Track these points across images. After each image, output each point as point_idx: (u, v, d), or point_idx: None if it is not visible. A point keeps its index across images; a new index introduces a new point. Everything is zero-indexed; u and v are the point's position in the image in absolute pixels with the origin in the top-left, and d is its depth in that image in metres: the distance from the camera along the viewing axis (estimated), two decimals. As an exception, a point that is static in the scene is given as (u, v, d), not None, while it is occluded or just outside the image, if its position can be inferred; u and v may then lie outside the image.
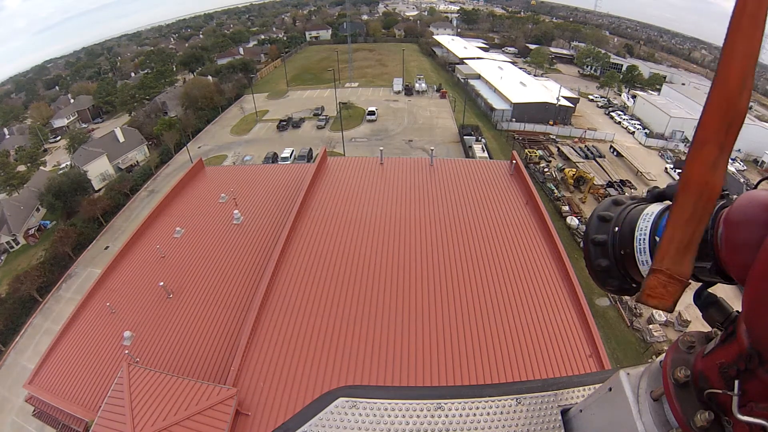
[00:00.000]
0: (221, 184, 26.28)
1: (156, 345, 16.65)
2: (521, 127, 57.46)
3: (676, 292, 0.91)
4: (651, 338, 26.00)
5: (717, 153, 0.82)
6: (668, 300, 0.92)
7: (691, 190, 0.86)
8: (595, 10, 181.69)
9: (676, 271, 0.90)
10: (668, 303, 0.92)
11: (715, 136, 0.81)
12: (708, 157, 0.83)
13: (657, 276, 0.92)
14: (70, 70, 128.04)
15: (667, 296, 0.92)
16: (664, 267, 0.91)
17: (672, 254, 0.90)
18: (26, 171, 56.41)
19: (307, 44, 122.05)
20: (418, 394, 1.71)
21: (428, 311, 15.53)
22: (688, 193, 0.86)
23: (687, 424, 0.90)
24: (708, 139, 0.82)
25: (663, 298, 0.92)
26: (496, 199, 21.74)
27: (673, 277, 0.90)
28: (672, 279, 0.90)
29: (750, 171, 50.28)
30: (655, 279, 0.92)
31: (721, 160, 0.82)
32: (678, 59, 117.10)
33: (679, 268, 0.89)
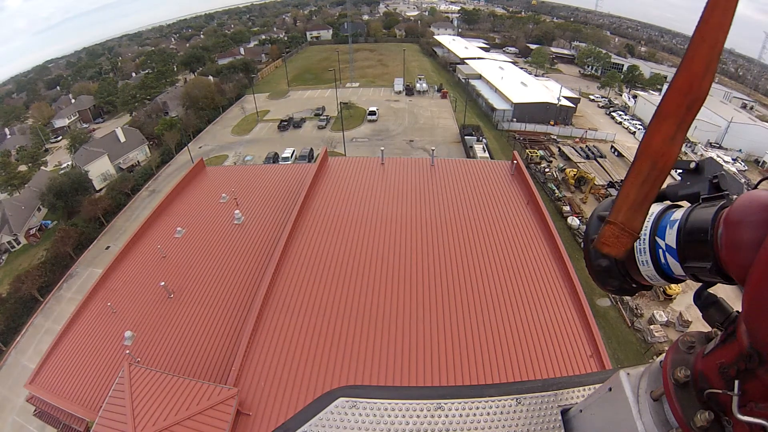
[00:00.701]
0: (222, 184, 26.29)
1: (157, 345, 16.66)
2: (522, 127, 57.43)
3: (627, 243, 1.01)
4: (652, 338, 25.97)
5: (675, 128, 0.89)
6: (618, 248, 1.02)
7: (648, 157, 0.93)
8: (596, 10, 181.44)
9: (629, 225, 0.99)
10: (619, 251, 1.03)
11: (676, 112, 0.88)
12: (667, 130, 0.90)
13: (611, 227, 1.02)
14: (71, 70, 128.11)
15: (618, 245, 1.02)
16: (618, 220, 1.00)
17: (626, 210, 0.98)
18: (27, 171, 56.49)
19: (307, 44, 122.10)
20: (418, 394, 1.71)
21: (429, 311, 15.53)
22: (645, 159, 0.94)
23: (687, 424, 0.91)
24: (669, 114, 0.89)
25: (615, 246, 1.02)
26: (497, 199, 21.73)
27: (625, 230, 1.00)
28: (624, 231, 1.00)
29: (751, 171, 50.19)
30: (609, 230, 1.02)
31: (678, 134, 0.90)
32: (679, 59, 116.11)
33: (631, 223, 0.99)
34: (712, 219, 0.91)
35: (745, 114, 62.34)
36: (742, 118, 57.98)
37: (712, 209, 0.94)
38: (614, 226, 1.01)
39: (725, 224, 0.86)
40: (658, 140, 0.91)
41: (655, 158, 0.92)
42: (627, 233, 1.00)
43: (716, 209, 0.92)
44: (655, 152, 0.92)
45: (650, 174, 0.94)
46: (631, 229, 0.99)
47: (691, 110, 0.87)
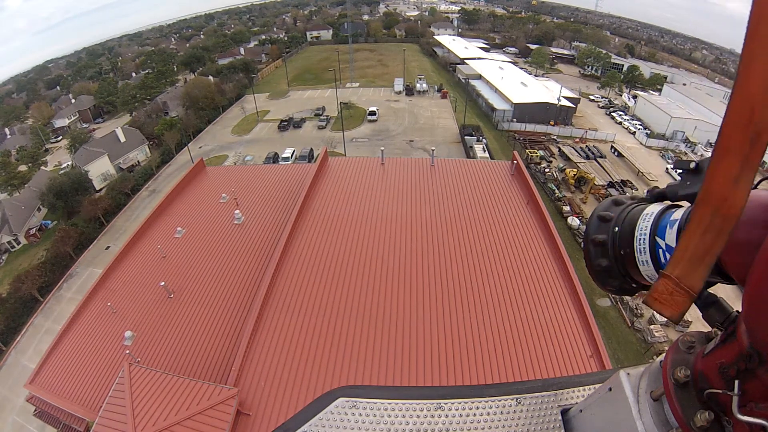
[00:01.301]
0: (222, 184, 26.29)
1: (157, 345, 16.66)
2: (522, 127, 57.44)
3: (683, 303, 0.88)
4: (652, 338, 25.97)
5: (739, 167, 0.75)
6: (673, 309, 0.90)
7: (709, 204, 0.81)
8: (596, 11, 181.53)
9: (686, 282, 0.87)
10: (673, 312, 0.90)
11: (737, 148, 0.74)
12: (728, 170, 0.76)
13: (666, 282, 0.89)
14: (71, 70, 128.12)
15: (673, 304, 0.90)
16: (674, 274, 0.88)
17: (684, 264, 0.87)
18: (27, 171, 56.51)
19: (308, 44, 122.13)
20: (418, 394, 1.71)
21: (429, 311, 15.53)
22: (706, 206, 0.81)
23: (687, 424, 0.90)
24: (729, 150, 0.75)
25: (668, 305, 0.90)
26: (497, 199, 21.73)
27: (681, 287, 0.88)
28: (680, 288, 0.88)
29: (751, 171, 50.13)
30: (663, 284, 0.90)
31: (744, 174, 0.75)
32: (679, 59, 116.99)
33: (689, 280, 0.87)
34: None
35: (745, 114, 62.19)
36: (742, 118, 57.85)
37: None
38: (670, 281, 0.88)
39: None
40: (718, 183, 0.78)
41: (717, 205, 0.79)
42: (683, 291, 0.88)
43: None
44: (717, 198, 0.79)
45: (712, 223, 0.81)
46: (689, 287, 0.87)
47: (756, 144, 0.72)
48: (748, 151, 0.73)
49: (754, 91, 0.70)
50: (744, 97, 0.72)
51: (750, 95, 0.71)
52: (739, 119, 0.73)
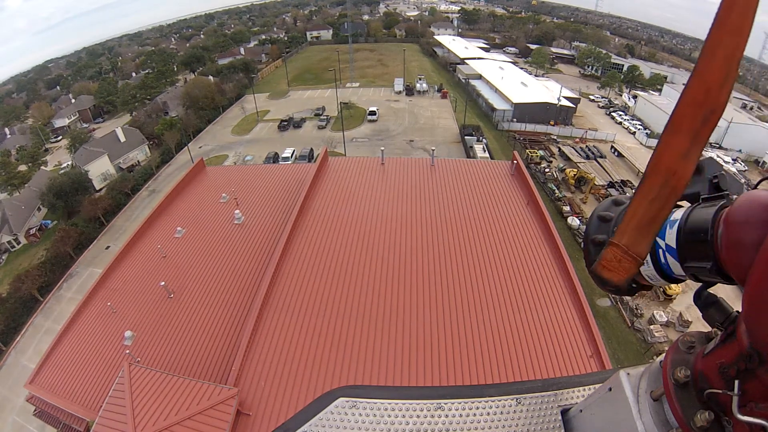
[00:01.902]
0: (222, 184, 26.29)
1: (157, 345, 16.67)
2: (522, 127, 57.43)
3: (630, 269, 0.93)
4: (652, 339, 25.97)
5: (689, 143, 0.81)
6: (621, 274, 0.94)
7: (658, 174, 0.86)
8: (596, 11, 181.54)
9: (633, 249, 0.91)
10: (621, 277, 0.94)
11: (690, 126, 0.80)
12: (679, 145, 0.82)
13: (614, 249, 0.94)
14: (71, 70, 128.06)
15: (620, 271, 0.94)
16: (622, 242, 0.92)
17: (631, 231, 0.91)
18: (27, 171, 56.48)
19: (308, 44, 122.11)
20: (418, 394, 1.71)
21: (429, 311, 15.53)
22: (655, 177, 0.86)
23: (687, 424, 0.91)
24: (682, 127, 0.81)
25: (617, 271, 0.94)
26: (497, 199, 21.73)
27: (629, 254, 0.92)
28: (627, 255, 0.92)
29: (751, 171, 50.19)
30: (611, 252, 0.94)
31: (693, 150, 0.82)
32: (679, 59, 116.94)
33: (636, 247, 0.91)
34: (712, 219, 0.90)
35: (745, 114, 62.33)
36: (742, 118, 57.96)
37: (712, 209, 0.93)
38: (617, 249, 0.93)
39: (725, 224, 0.86)
40: (669, 156, 0.83)
41: (667, 176, 0.85)
42: (631, 258, 0.92)
43: (716, 209, 0.92)
44: (667, 169, 0.84)
45: (660, 193, 0.86)
46: (636, 254, 0.91)
47: (706, 123, 0.79)
48: (699, 128, 0.79)
49: (712, 77, 0.76)
50: (702, 79, 0.76)
51: (709, 79, 0.76)
52: (695, 99, 0.78)
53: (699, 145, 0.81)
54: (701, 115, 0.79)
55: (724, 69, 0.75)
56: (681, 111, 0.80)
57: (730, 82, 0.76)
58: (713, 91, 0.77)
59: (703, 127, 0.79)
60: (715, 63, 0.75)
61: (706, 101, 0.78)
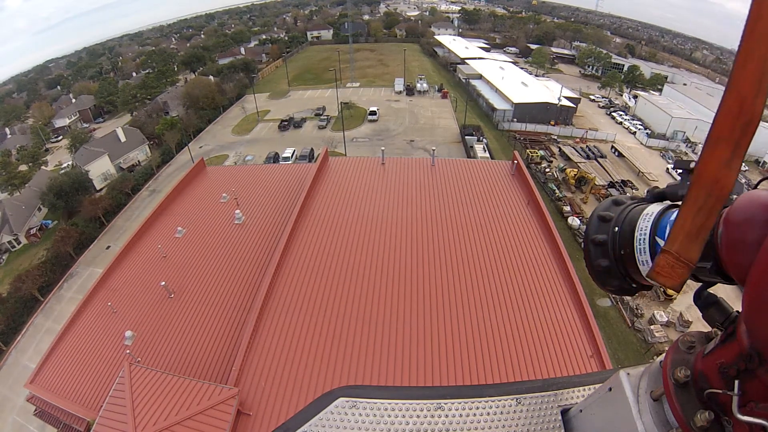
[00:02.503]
0: (223, 184, 26.30)
1: (157, 345, 16.67)
2: (523, 127, 57.40)
3: (682, 274, 0.95)
4: (652, 339, 25.95)
5: (731, 152, 0.83)
6: (674, 280, 0.97)
7: (703, 185, 0.88)
8: (596, 10, 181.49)
9: (684, 255, 0.94)
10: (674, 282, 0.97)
11: (730, 135, 0.82)
12: (721, 155, 0.84)
13: (666, 257, 0.96)
14: (72, 69, 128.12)
15: (673, 276, 0.96)
16: (673, 249, 0.95)
17: (681, 239, 0.93)
18: (28, 170, 56.49)
19: (308, 44, 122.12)
20: (418, 394, 1.71)
21: (429, 311, 15.53)
22: (700, 187, 0.88)
23: (687, 424, 0.91)
24: (722, 137, 0.83)
25: (670, 277, 0.97)
26: (497, 199, 21.73)
27: (681, 260, 0.94)
28: (679, 261, 0.95)
29: (751, 171, 50.16)
30: (664, 259, 0.97)
31: (734, 159, 0.84)
32: (679, 59, 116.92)
33: (687, 253, 0.93)
34: None
35: (745, 114, 62.21)
36: (743, 118, 57.89)
37: None
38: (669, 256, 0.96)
39: (725, 224, 0.86)
40: (712, 167, 0.86)
41: (711, 186, 0.87)
42: (682, 263, 0.95)
43: None
44: (710, 179, 0.87)
45: (706, 202, 0.88)
46: (687, 260, 0.94)
47: (745, 133, 0.81)
48: (739, 137, 0.82)
49: (746, 87, 0.77)
50: (738, 91, 0.78)
51: (743, 89, 0.78)
52: (732, 110, 0.80)
53: (740, 154, 0.83)
54: (739, 126, 0.81)
55: (756, 78, 0.77)
56: (720, 122, 0.82)
57: (764, 90, 0.77)
58: (748, 101, 0.79)
59: (742, 137, 0.82)
60: (748, 73, 0.77)
61: (742, 112, 0.80)
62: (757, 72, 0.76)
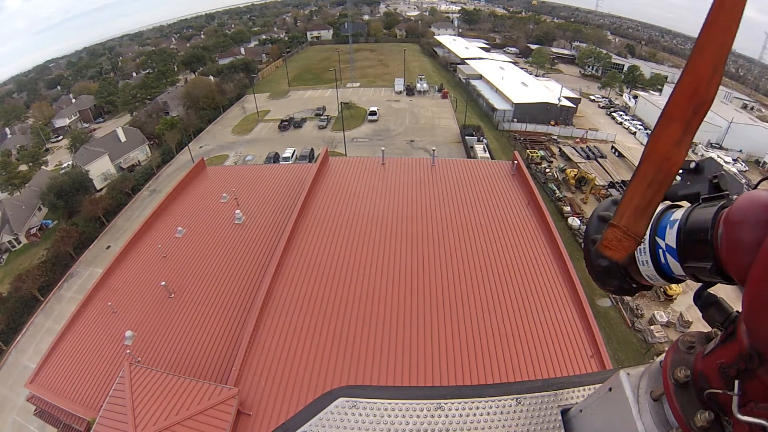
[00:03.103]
0: (223, 184, 26.30)
1: (157, 345, 16.68)
2: (523, 127, 57.40)
3: (629, 247, 1.01)
4: (652, 339, 25.95)
5: (681, 132, 0.88)
6: (621, 252, 1.02)
7: (653, 161, 0.92)
8: (596, 10, 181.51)
9: (632, 229, 0.99)
10: (621, 255, 1.03)
11: (682, 116, 0.87)
12: (673, 133, 0.89)
13: (614, 230, 1.01)
14: (72, 69, 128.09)
15: (621, 249, 1.02)
16: (621, 224, 1.00)
17: (629, 214, 0.98)
18: (28, 170, 56.50)
19: (308, 44, 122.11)
20: (418, 394, 1.71)
21: (429, 311, 15.53)
22: (650, 163, 0.93)
23: (687, 424, 0.91)
24: (675, 117, 0.87)
25: (617, 250, 1.02)
26: (497, 199, 21.73)
27: (628, 234, 0.99)
28: (627, 235, 0.99)
29: (751, 171, 50.15)
30: (612, 232, 1.02)
31: (685, 138, 0.88)
32: (679, 59, 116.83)
33: (634, 227, 0.98)
34: (713, 219, 0.91)
35: (745, 114, 62.30)
36: (743, 118, 57.94)
37: (713, 209, 0.93)
38: (617, 230, 1.00)
39: (725, 224, 0.86)
40: (663, 144, 0.90)
41: (660, 162, 0.91)
42: (630, 237, 0.99)
43: (716, 209, 0.92)
44: (660, 156, 0.91)
45: (655, 178, 0.92)
46: (634, 234, 0.98)
47: (697, 114, 0.86)
48: (691, 118, 0.86)
49: (702, 71, 0.83)
50: (694, 75, 0.84)
51: (699, 73, 0.83)
52: (686, 92, 0.85)
53: (690, 134, 0.88)
54: (692, 107, 0.85)
55: (712, 64, 0.82)
56: (674, 102, 0.87)
57: (718, 77, 0.82)
58: (703, 85, 0.83)
59: (694, 118, 0.86)
60: (705, 59, 0.82)
61: (696, 94, 0.84)
62: (713, 57, 0.81)
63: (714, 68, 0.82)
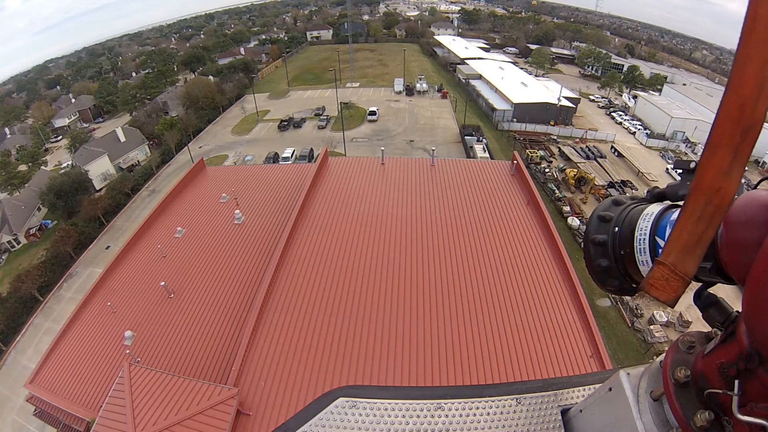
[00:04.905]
0: (222, 184, 26.30)
1: (157, 345, 16.67)
2: (522, 127, 57.39)
3: (677, 288, 0.92)
4: (652, 339, 25.95)
5: (730, 159, 0.79)
6: (669, 294, 0.93)
7: (701, 194, 0.84)
8: (596, 11, 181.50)
9: (680, 268, 0.90)
10: (669, 297, 0.93)
11: (729, 141, 0.78)
12: (720, 162, 0.80)
13: (661, 268, 0.93)
14: (72, 69, 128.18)
15: (668, 290, 0.93)
16: (669, 261, 0.91)
17: (678, 251, 0.90)
18: (27, 170, 56.43)
19: (308, 44, 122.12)
20: (418, 394, 1.71)
21: (429, 311, 15.53)
22: (699, 196, 0.84)
23: (687, 424, 0.90)
24: (721, 144, 0.79)
25: (664, 290, 0.93)
26: (497, 199, 21.73)
27: (676, 273, 0.91)
28: (675, 274, 0.91)
29: (751, 171, 50.18)
30: (659, 271, 0.93)
31: (735, 166, 0.79)
32: (679, 59, 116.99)
33: (683, 266, 0.90)
34: None
35: (745, 114, 62.24)
36: (743, 118, 57.93)
37: None
38: (665, 268, 0.92)
39: (725, 224, 0.86)
40: (711, 175, 0.81)
41: (710, 195, 0.83)
42: (678, 277, 0.91)
43: None
44: (709, 188, 0.82)
45: (704, 212, 0.84)
46: (683, 273, 0.90)
47: (747, 138, 0.76)
48: (739, 143, 0.77)
49: (747, 90, 0.74)
50: (737, 95, 0.75)
51: (743, 93, 0.74)
52: (732, 115, 0.76)
53: (741, 162, 0.79)
54: (740, 131, 0.77)
55: (757, 81, 0.73)
56: (719, 128, 0.78)
57: (765, 95, 0.73)
58: (749, 105, 0.75)
59: (742, 143, 0.77)
60: (747, 77, 0.73)
61: (742, 116, 0.76)
62: (757, 75, 0.72)
63: (760, 86, 0.73)
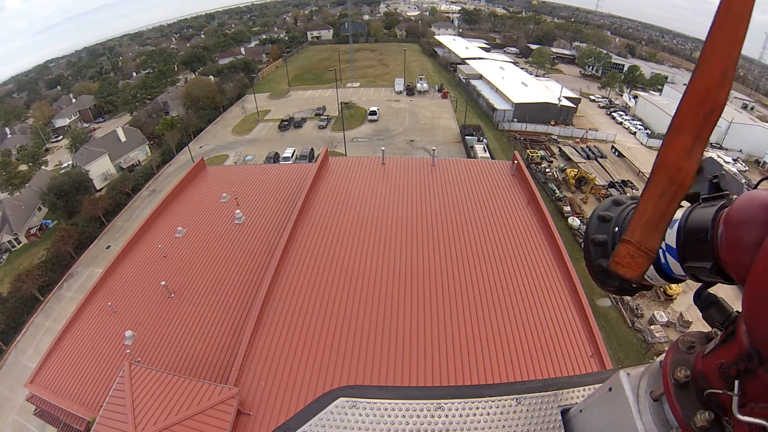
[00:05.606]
0: (223, 184, 26.31)
1: (157, 344, 16.68)
2: (523, 127, 57.39)
3: (643, 264, 0.97)
4: (652, 339, 25.95)
5: (692, 141, 0.85)
6: (635, 270, 0.98)
7: (664, 172, 0.89)
8: (596, 11, 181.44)
9: (645, 245, 0.95)
10: (635, 273, 0.98)
11: (692, 124, 0.84)
12: (683, 143, 0.86)
13: (626, 246, 0.97)
14: (72, 69, 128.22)
15: (634, 266, 0.98)
16: (634, 239, 0.96)
17: (642, 228, 0.94)
18: (28, 170, 56.47)
19: (308, 44, 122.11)
20: (418, 394, 1.71)
21: (429, 311, 15.53)
22: (661, 175, 0.90)
23: (687, 424, 0.90)
24: (684, 126, 0.85)
25: (630, 267, 0.98)
26: (497, 199, 21.73)
27: (641, 249, 0.95)
28: (640, 251, 0.96)
29: (751, 171, 50.14)
30: (624, 249, 0.98)
31: (696, 147, 0.85)
32: (680, 59, 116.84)
33: (648, 242, 0.95)
34: (712, 219, 0.90)
35: (745, 114, 62.27)
36: (743, 118, 57.92)
37: (712, 209, 0.93)
38: (630, 245, 0.96)
39: (725, 224, 0.86)
40: (673, 154, 0.87)
41: (672, 173, 0.88)
42: (643, 253, 0.95)
43: (716, 209, 0.92)
44: (672, 167, 0.88)
45: (667, 190, 0.90)
46: (648, 249, 0.94)
47: (708, 122, 0.82)
48: (702, 126, 0.83)
49: (711, 77, 0.79)
50: (703, 81, 0.80)
51: (708, 80, 0.80)
52: (695, 99, 0.82)
53: (701, 143, 0.84)
54: (702, 114, 0.82)
55: (722, 70, 0.79)
56: (683, 111, 0.84)
57: (728, 82, 0.79)
58: (713, 91, 0.80)
59: (704, 126, 0.83)
60: (714, 64, 0.79)
61: (706, 100, 0.81)
62: (723, 62, 0.78)
63: (723, 73, 0.79)
